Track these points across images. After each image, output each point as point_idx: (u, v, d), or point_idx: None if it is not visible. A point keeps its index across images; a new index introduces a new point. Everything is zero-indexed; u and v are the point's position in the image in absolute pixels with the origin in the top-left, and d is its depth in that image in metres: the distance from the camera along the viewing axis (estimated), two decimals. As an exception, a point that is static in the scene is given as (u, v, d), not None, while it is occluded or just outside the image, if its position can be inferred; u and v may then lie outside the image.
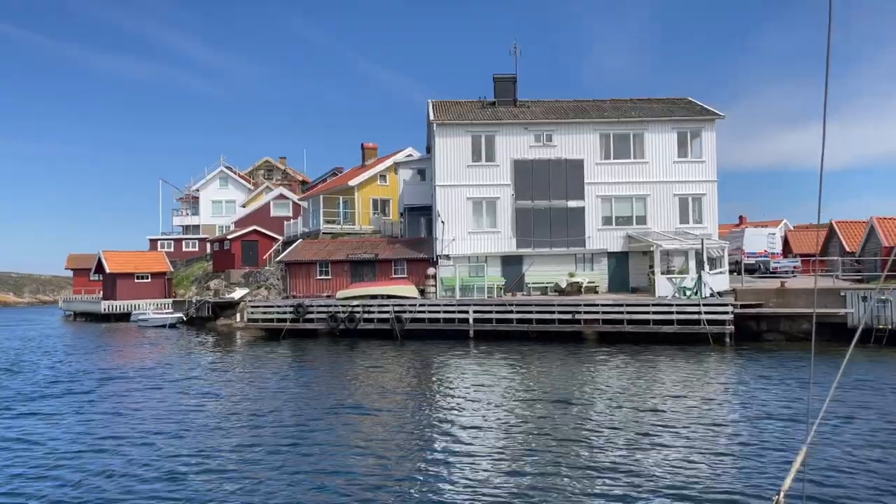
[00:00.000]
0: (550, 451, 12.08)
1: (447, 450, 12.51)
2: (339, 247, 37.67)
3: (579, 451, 12.05)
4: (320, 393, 18.81)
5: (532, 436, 13.29)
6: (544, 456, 11.78)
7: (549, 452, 11.98)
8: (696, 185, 34.52)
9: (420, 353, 26.96)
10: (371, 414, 15.85)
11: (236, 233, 50.15)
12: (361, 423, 15.00)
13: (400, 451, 12.48)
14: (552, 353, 25.48)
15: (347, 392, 18.86)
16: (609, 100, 38.10)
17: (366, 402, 17.31)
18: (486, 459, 11.77)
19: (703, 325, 26.27)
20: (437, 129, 34.34)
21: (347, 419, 15.32)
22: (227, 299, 41.78)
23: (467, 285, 33.02)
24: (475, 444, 12.81)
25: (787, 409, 15.23)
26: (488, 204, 34.68)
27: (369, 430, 14.15)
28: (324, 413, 15.96)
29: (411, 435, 13.76)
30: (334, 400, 17.64)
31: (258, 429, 14.48)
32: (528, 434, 13.51)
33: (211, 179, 75.81)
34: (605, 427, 13.83)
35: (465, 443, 12.97)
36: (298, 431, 14.12)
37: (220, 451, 12.67)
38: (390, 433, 13.90)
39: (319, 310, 32.11)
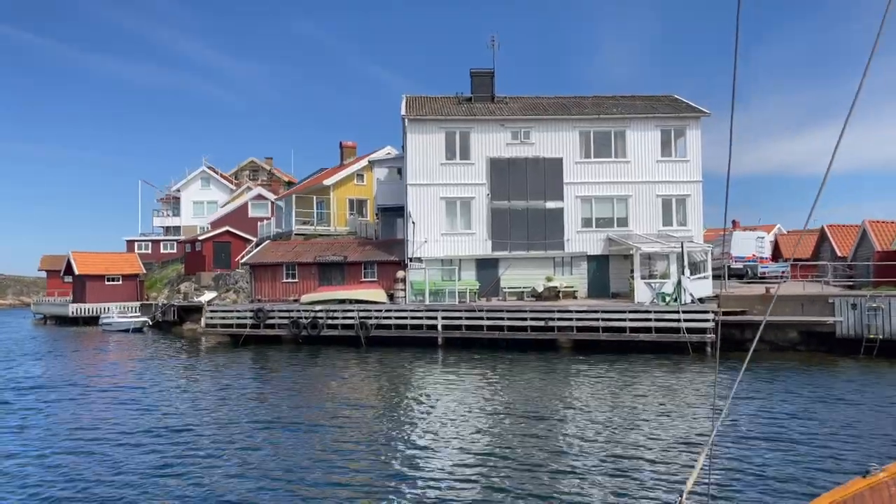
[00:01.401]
0: (502, 468, 10.48)
1: (400, 473, 11.10)
2: (307, 248, 35.97)
3: (526, 469, 10.43)
4: (259, 405, 17.14)
5: (485, 455, 11.70)
6: (497, 473, 10.22)
7: (501, 469, 10.36)
8: (680, 186, 32.92)
9: (384, 361, 25.29)
10: (310, 431, 14.16)
11: (208, 234, 48.42)
12: (298, 441, 13.34)
13: (341, 472, 10.84)
14: (522, 364, 23.80)
15: (291, 404, 17.23)
16: (591, 96, 36.53)
17: (308, 417, 15.59)
18: (443, 478, 10.70)
19: (683, 333, 24.61)
20: (408, 124, 32.70)
21: (281, 436, 13.66)
22: (194, 303, 39.98)
23: (439, 290, 31.33)
24: (430, 464, 11.52)
25: (757, 426, 13.91)
26: (462, 204, 33.02)
27: (303, 451, 12.45)
28: (254, 429, 14.29)
29: (355, 454, 12.17)
30: (273, 414, 16.02)
31: (172, 445, 12.79)
32: (483, 452, 12.11)
33: (192, 180, 74.10)
34: (556, 442, 12.25)
35: (418, 464, 11.54)
36: (214, 450, 12.48)
37: (125, 472, 11.02)
38: (330, 453, 12.25)
39: (281, 315, 30.40)
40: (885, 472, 4.85)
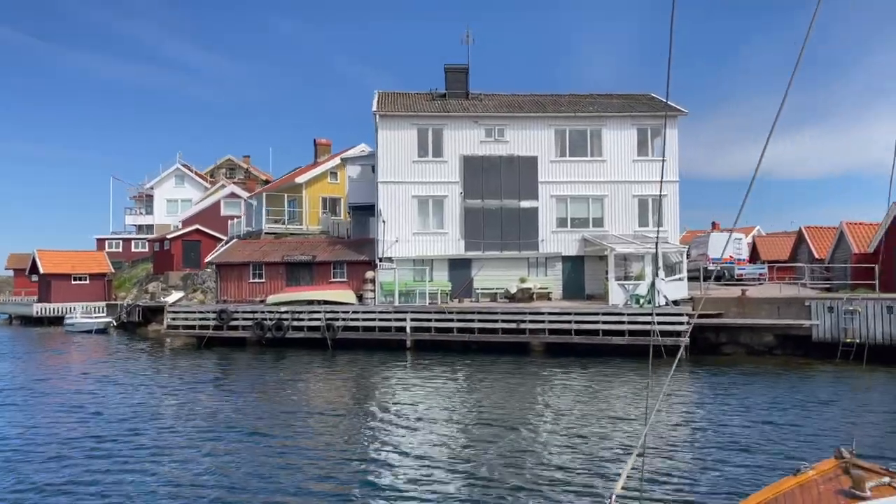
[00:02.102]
0: (457, 476, 9.72)
1: (360, 482, 10.50)
2: (275, 247, 34.91)
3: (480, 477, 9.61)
4: (214, 411, 16.17)
5: (441, 463, 10.85)
6: (451, 481, 9.76)
7: (456, 477, 9.62)
8: (657, 186, 32.26)
9: (350, 365, 24.38)
10: (264, 439, 13.26)
11: (176, 232, 47.16)
12: (251, 451, 12.46)
13: (297, 484, 9.94)
14: (492, 367, 23.00)
15: (246, 411, 16.32)
16: (567, 94, 35.83)
17: (263, 424, 14.63)
18: (401, 489, 10.22)
19: (656, 336, 23.92)
20: (379, 120, 31.78)
21: (230, 446, 12.74)
22: (160, 303, 38.77)
23: (410, 290, 30.41)
24: (389, 473, 11.08)
25: (697, 428, 13.61)
26: (435, 203, 32.15)
27: (256, 462, 11.51)
28: (203, 438, 13.36)
29: (311, 465, 11.29)
30: (226, 421, 15.12)
31: (105, 457, 11.80)
32: (440, 461, 11.42)
33: (166, 177, 72.64)
34: (512, 448, 11.66)
35: (377, 473, 10.86)
36: (154, 462, 11.53)
37: (58, 482, 10.05)
38: (286, 464, 11.37)
39: (245, 316, 29.34)
40: (815, 470, 4.96)
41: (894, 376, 20.01)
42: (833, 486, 4.68)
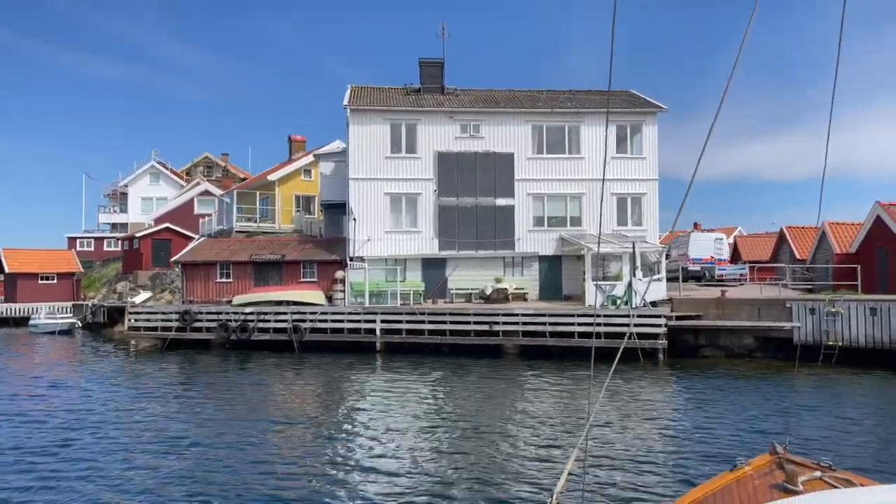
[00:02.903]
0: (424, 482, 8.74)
1: (322, 493, 9.82)
2: (243, 246, 33.77)
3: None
4: (169, 419, 15.15)
5: (408, 474, 9.86)
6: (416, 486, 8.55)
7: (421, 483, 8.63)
8: (636, 184, 31.50)
9: (317, 368, 23.36)
10: (222, 450, 12.28)
11: (146, 230, 45.85)
12: (207, 462, 11.51)
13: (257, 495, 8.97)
14: (463, 371, 22.07)
15: (205, 418, 15.35)
16: (546, 90, 34.97)
17: (221, 433, 13.60)
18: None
19: (633, 338, 23.09)
20: (351, 115, 30.74)
21: (182, 457, 11.74)
22: (123, 303, 37.46)
23: (382, 291, 29.42)
24: (348, 482, 10.56)
25: (645, 429, 12.85)
26: (408, 200, 31.18)
27: (213, 474, 10.49)
28: (158, 449, 12.33)
29: (271, 477, 10.49)
30: (182, 429, 14.13)
31: (46, 474, 10.72)
32: (405, 471, 10.65)
33: (141, 175, 71.14)
34: (471, 452, 11.07)
35: (337, 483, 10.24)
36: (99, 474, 10.53)
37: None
38: (245, 475, 10.44)
39: (209, 317, 28.20)
40: (751, 465, 5.07)
41: (875, 381, 19.30)
42: (767, 480, 4.80)
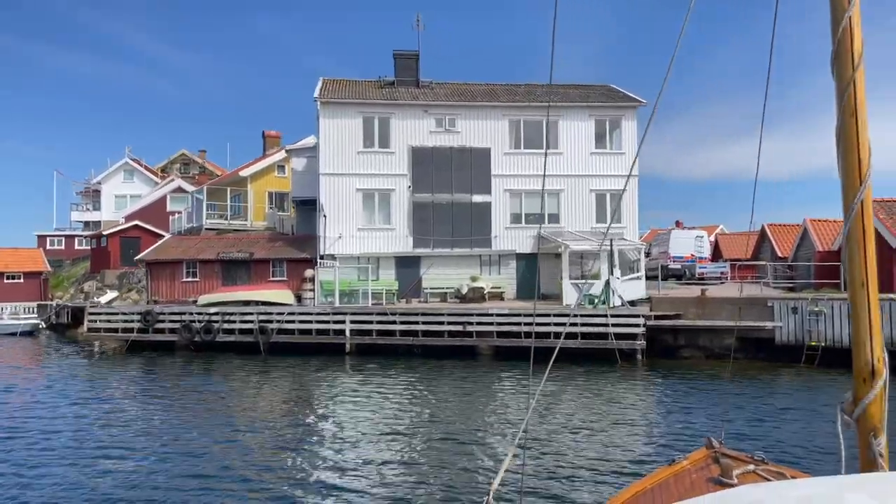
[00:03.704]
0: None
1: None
2: (211, 244, 32.60)
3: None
4: (120, 427, 14.10)
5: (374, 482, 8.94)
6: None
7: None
8: (615, 180, 30.74)
9: (283, 371, 22.29)
10: (177, 460, 11.29)
11: (114, 228, 44.47)
12: (159, 473, 10.48)
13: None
14: (435, 373, 21.15)
15: (158, 425, 14.35)
16: (524, 84, 34.11)
17: (176, 442, 12.57)
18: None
19: (611, 339, 22.27)
20: (321, 107, 29.69)
21: (130, 468, 10.68)
22: (84, 304, 36.13)
23: (354, 290, 28.39)
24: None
25: (586, 427, 11.41)
26: (381, 196, 30.18)
27: (170, 485, 9.47)
28: (107, 459, 11.23)
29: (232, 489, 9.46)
30: (134, 437, 13.16)
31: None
32: (371, 479, 10.08)
33: (114, 172, 69.45)
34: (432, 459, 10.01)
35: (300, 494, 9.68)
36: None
37: None
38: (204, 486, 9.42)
39: (172, 318, 27.04)
40: (688, 459, 5.16)
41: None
42: (704, 474, 4.89)
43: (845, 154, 3.23)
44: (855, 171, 3.20)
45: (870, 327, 3.22)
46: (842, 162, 3.25)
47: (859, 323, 3.25)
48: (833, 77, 3.27)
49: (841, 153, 3.25)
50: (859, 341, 3.24)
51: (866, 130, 3.21)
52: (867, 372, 3.20)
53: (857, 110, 3.19)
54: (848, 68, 3.19)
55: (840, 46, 3.22)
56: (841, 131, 3.24)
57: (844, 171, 3.23)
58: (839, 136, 3.25)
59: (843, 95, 3.21)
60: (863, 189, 3.18)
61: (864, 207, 3.20)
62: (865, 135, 3.21)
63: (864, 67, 3.22)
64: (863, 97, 3.20)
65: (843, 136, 3.23)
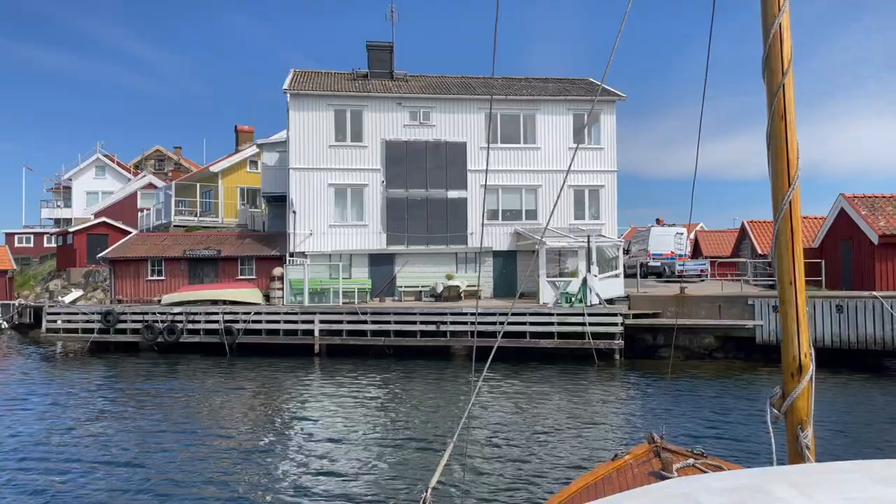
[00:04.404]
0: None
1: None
2: (178, 241, 31.47)
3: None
4: (58, 430, 13.12)
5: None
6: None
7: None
8: (594, 176, 30.07)
9: (249, 373, 21.35)
10: (102, 477, 10.30)
11: (80, 225, 43.12)
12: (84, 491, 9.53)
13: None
14: (405, 376, 20.33)
15: (111, 432, 13.48)
16: (500, 77, 33.30)
17: (128, 451, 11.61)
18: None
19: (588, 338, 21.57)
20: (291, 100, 28.69)
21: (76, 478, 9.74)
22: (45, 303, 34.84)
23: (325, 289, 27.46)
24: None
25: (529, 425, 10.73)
26: (354, 192, 29.25)
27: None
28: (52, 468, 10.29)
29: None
30: (84, 445, 12.25)
31: None
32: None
33: (86, 168, 67.81)
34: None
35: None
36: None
37: None
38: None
39: (134, 318, 25.95)
40: (631, 454, 5.36)
41: (837, 385, 18.05)
42: (645, 468, 5.00)
43: (775, 156, 3.30)
44: (784, 173, 3.28)
45: (797, 324, 3.28)
46: (772, 164, 3.31)
47: (787, 320, 3.31)
48: (763, 81, 3.32)
49: (771, 155, 3.32)
50: (787, 337, 3.31)
51: (795, 133, 3.27)
52: (794, 367, 3.28)
53: (787, 114, 3.25)
54: (778, 73, 3.26)
55: (770, 52, 3.28)
56: (771, 134, 3.31)
57: (774, 173, 3.30)
58: (769, 138, 3.32)
59: (773, 99, 3.28)
60: (791, 190, 3.24)
61: (793, 208, 3.26)
62: (794, 138, 3.27)
63: (793, 72, 3.28)
64: (792, 101, 3.26)
65: (773, 139, 3.30)
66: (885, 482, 1.77)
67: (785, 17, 3.27)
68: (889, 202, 24.34)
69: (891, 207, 24.05)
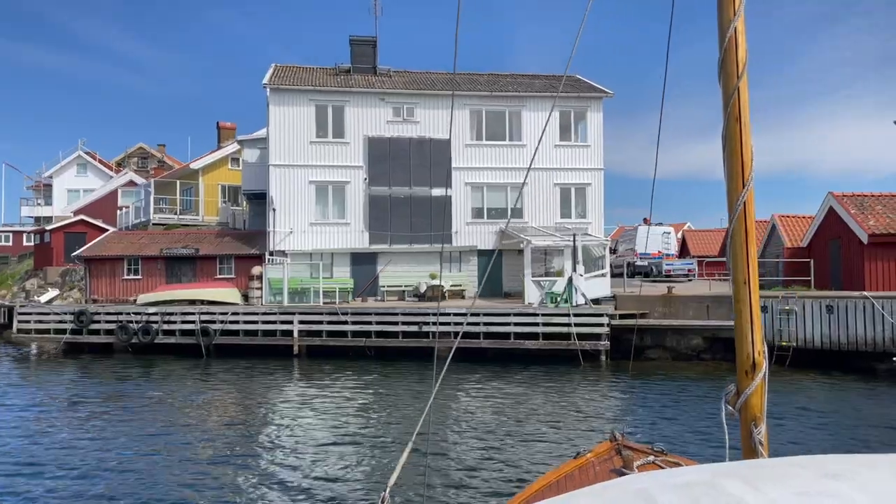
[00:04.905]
0: None
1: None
2: (155, 240, 30.70)
3: None
4: (25, 436, 12.39)
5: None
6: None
7: None
8: (580, 174, 29.58)
9: (225, 375, 20.66)
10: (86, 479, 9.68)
11: (58, 223, 42.18)
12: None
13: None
14: (386, 378, 19.73)
15: (75, 438, 12.69)
16: (486, 73, 32.77)
17: (89, 457, 10.93)
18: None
19: (573, 339, 21.05)
20: (271, 94, 28.00)
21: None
22: (16, 303, 33.96)
23: (305, 289, 26.81)
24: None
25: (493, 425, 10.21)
26: (335, 189, 28.61)
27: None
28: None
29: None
30: (50, 451, 11.47)
31: None
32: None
33: (67, 165, 66.72)
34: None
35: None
36: None
37: None
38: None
39: (108, 318, 25.18)
40: (593, 452, 5.41)
41: (825, 386, 17.63)
42: (607, 466, 5.09)
43: (730, 158, 3.35)
44: (738, 175, 3.32)
45: (751, 322, 3.34)
46: (727, 165, 3.36)
47: (741, 319, 3.37)
48: (719, 84, 3.37)
49: (727, 157, 3.37)
50: (741, 336, 3.37)
51: (749, 136, 3.33)
52: (749, 365, 3.35)
53: (742, 116, 3.31)
54: (733, 76, 3.31)
55: (726, 55, 3.32)
56: (726, 136, 3.36)
57: (729, 174, 3.35)
58: (725, 140, 3.37)
59: (728, 102, 3.33)
60: (745, 191, 3.29)
61: (747, 209, 3.31)
62: (748, 140, 3.32)
63: (748, 75, 3.33)
64: (747, 104, 3.31)
65: (728, 141, 3.35)
66: (834, 476, 1.78)
67: (740, 21, 3.29)
68: (879, 201, 23.99)
69: (880, 206, 23.70)
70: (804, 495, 1.70)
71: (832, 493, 1.70)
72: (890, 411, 14.97)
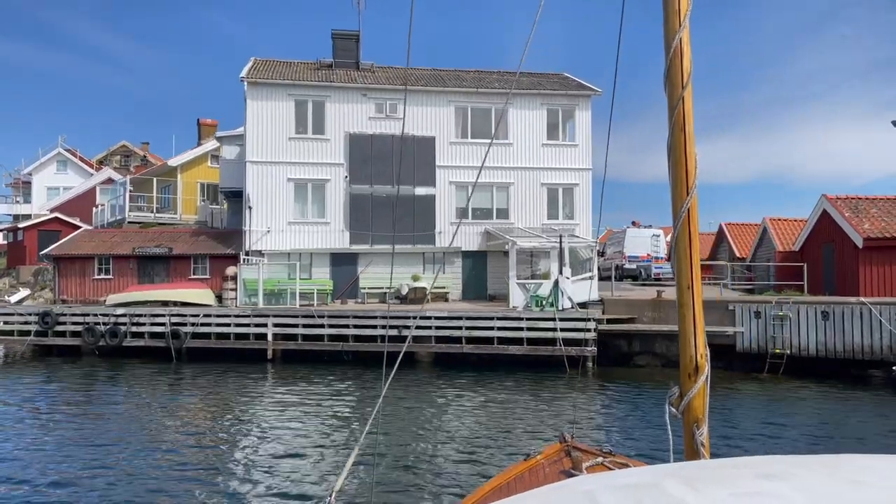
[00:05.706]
0: None
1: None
2: (127, 238, 29.59)
3: None
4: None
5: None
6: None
7: None
8: (568, 174, 28.75)
9: (196, 380, 19.67)
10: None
11: (31, 221, 40.94)
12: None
13: None
14: (361, 385, 18.77)
15: (33, 447, 11.64)
16: (472, 70, 31.91)
17: (49, 466, 9.94)
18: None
19: (559, 345, 20.18)
20: (248, 89, 27.00)
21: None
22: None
23: (282, 290, 25.79)
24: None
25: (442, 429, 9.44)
26: (315, 187, 27.63)
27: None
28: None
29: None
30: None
31: None
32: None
33: (47, 162, 65.39)
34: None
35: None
36: None
37: None
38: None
39: (74, 319, 24.08)
40: (542, 454, 5.44)
41: (819, 395, 16.85)
42: (556, 467, 5.09)
43: (675, 165, 3.39)
44: (683, 182, 3.36)
45: (694, 326, 3.34)
46: (672, 173, 3.40)
47: (685, 322, 3.37)
48: (665, 94, 3.40)
49: (671, 165, 3.40)
50: (685, 339, 3.38)
51: (693, 145, 3.37)
52: (691, 368, 3.36)
53: (686, 125, 3.36)
54: (678, 86, 3.35)
55: (671, 66, 3.37)
56: (671, 145, 3.40)
57: (674, 181, 3.39)
58: (670, 149, 3.41)
59: (673, 112, 3.37)
60: (689, 198, 3.34)
61: (691, 215, 3.34)
62: (692, 148, 3.37)
63: (693, 85, 3.36)
64: (691, 113, 3.37)
65: (673, 150, 3.40)
66: (767, 477, 1.81)
67: (685, 32, 3.36)
68: (874, 204, 23.31)
69: (875, 209, 23.01)
70: (738, 495, 1.71)
71: (768, 492, 1.71)
72: (889, 421, 14.20)
